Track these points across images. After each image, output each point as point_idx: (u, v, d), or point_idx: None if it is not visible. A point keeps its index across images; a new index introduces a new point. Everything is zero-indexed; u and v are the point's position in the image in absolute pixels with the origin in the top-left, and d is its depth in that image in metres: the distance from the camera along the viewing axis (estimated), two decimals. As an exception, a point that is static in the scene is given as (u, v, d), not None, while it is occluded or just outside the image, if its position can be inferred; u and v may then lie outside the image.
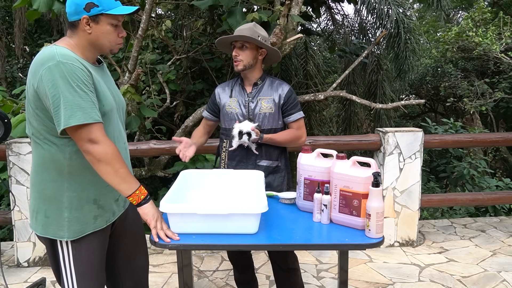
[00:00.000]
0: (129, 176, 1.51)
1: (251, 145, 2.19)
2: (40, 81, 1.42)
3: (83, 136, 1.43)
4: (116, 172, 1.46)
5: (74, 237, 1.54)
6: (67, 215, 1.53)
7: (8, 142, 3.17)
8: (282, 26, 3.72)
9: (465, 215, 5.45)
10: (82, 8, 1.49)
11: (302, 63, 7.55)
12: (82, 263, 1.56)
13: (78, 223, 1.55)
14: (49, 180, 1.53)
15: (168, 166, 5.17)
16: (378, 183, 1.60)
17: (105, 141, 1.46)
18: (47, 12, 3.81)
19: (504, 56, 6.44)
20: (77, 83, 1.42)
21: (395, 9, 7.54)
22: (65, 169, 1.52)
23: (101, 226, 1.60)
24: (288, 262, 2.25)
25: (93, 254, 1.58)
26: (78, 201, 1.55)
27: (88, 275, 1.58)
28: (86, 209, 1.56)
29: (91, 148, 1.44)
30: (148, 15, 3.91)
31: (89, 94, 1.45)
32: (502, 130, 9.90)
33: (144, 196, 1.54)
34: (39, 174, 1.55)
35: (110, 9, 1.51)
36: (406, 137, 3.48)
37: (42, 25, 10.63)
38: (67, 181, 1.53)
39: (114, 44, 1.58)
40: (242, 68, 2.18)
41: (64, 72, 1.41)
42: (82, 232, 1.55)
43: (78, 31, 1.53)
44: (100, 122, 1.46)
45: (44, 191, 1.54)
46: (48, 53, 1.44)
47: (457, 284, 2.93)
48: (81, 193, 1.55)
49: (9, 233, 4.86)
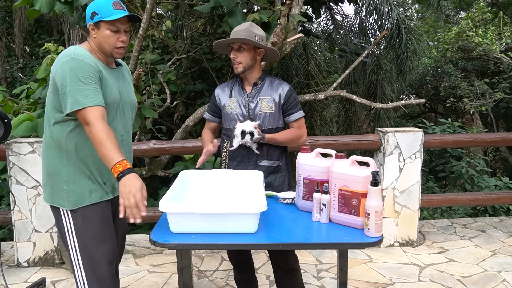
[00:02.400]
0: (110, 151, 1.59)
1: (252, 145, 2.19)
2: (56, 72, 1.72)
3: (81, 118, 1.68)
4: (99, 149, 1.62)
5: (72, 208, 1.77)
6: (65, 187, 1.77)
7: (8, 142, 3.17)
8: (283, 25, 3.72)
9: (464, 215, 5.46)
10: (89, 17, 1.79)
11: (302, 63, 7.56)
12: (82, 233, 1.77)
13: (75, 195, 1.77)
14: (52, 157, 1.80)
15: (169, 166, 5.18)
16: (377, 182, 1.60)
17: (94, 122, 1.64)
18: (48, 12, 3.81)
19: (504, 56, 6.44)
20: (83, 74, 1.68)
21: (396, 9, 7.55)
22: (63, 147, 1.77)
23: (95, 200, 1.79)
24: (288, 262, 2.25)
25: (91, 226, 1.77)
26: (75, 175, 1.78)
27: (89, 244, 1.76)
28: (82, 183, 1.78)
29: (86, 129, 1.67)
30: (149, 15, 3.91)
31: (92, 84, 1.69)
32: (502, 130, 9.90)
33: (121, 171, 1.55)
34: (46, 152, 1.82)
35: (107, 16, 1.76)
36: (406, 137, 3.48)
37: (42, 25, 10.64)
38: (65, 158, 1.77)
39: (113, 47, 1.80)
40: (242, 70, 2.18)
41: (74, 66, 1.68)
42: (78, 203, 1.77)
43: (90, 36, 1.84)
44: (97, 105, 1.67)
45: (49, 166, 1.81)
46: (67, 51, 1.76)
47: (457, 284, 2.93)
48: (77, 169, 1.78)
49: (9, 233, 4.86)
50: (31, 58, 10.67)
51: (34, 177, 3.18)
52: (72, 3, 3.80)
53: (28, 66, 10.33)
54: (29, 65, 10.27)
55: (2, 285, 2.88)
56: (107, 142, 1.60)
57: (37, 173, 3.17)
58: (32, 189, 3.19)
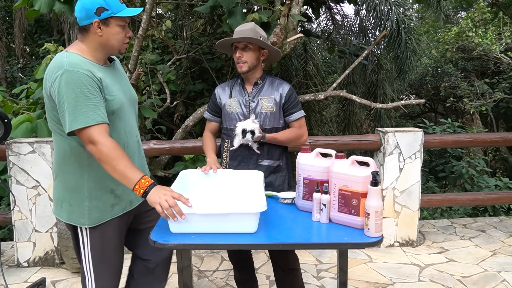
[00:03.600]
0: (127, 171, 1.55)
1: (253, 144, 2.19)
2: (51, 88, 1.59)
3: (84, 138, 1.57)
4: (113, 169, 1.55)
5: (94, 224, 1.70)
6: (88, 204, 1.69)
7: (8, 142, 3.17)
8: (283, 25, 3.72)
9: (464, 215, 5.46)
10: (93, 13, 1.62)
11: (302, 63, 7.56)
12: (98, 249, 1.73)
13: (97, 211, 1.70)
14: (71, 172, 1.69)
15: (168, 166, 5.18)
16: (377, 182, 1.60)
17: (102, 141, 1.54)
18: (47, 12, 3.81)
19: (504, 56, 6.44)
20: (80, 88, 1.55)
21: (396, 9, 7.55)
22: (85, 162, 1.67)
23: (118, 213, 1.75)
24: (288, 262, 2.25)
25: (107, 240, 1.74)
26: (97, 191, 1.70)
27: (104, 260, 1.74)
28: (104, 198, 1.71)
29: (91, 149, 1.57)
30: (148, 15, 3.91)
31: (92, 98, 1.57)
32: (502, 130, 9.90)
33: (144, 189, 1.54)
34: (62, 166, 1.71)
35: (119, 12, 1.64)
36: (406, 137, 3.48)
37: (42, 25, 10.64)
38: (87, 173, 1.68)
39: (121, 43, 1.70)
40: (246, 70, 2.17)
41: (69, 79, 1.54)
42: (101, 219, 1.71)
43: (89, 35, 1.66)
44: (101, 123, 1.57)
45: (68, 182, 1.70)
46: (58, 61, 1.59)
47: (457, 284, 2.93)
48: (100, 184, 1.70)
49: (9, 233, 4.86)
50: (31, 58, 10.67)
51: (34, 177, 3.18)
52: (71, 2, 3.79)
53: (28, 66, 10.33)
54: (29, 65, 10.27)
55: (2, 285, 2.88)
56: (123, 160, 1.54)
57: (37, 173, 3.17)
58: (32, 189, 3.19)
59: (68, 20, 8.67)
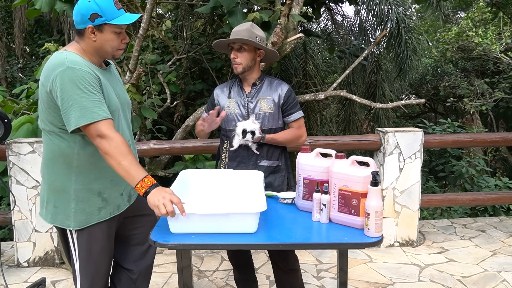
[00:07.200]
0: (132, 168, 1.54)
1: (252, 145, 2.19)
2: (52, 85, 1.56)
3: (92, 133, 1.55)
4: (118, 164, 1.54)
5: (79, 227, 1.68)
6: (74, 206, 1.67)
7: (8, 142, 3.17)
8: (283, 25, 3.72)
9: (464, 215, 5.46)
10: (87, 18, 1.60)
11: (301, 63, 7.56)
12: (85, 250, 1.71)
13: (84, 213, 1.68)
14: (58, 173, 1.67)
15: (169, 166, 5.17)
16: (377, 182, 1.60)
17: (111, 135, 1.55)
18: (48, 11, 3.81)
19: (504, 56, 6.45)
20: (84, 85, 1.55)
21: (395, 9, 7.55)
22: (74, 163, 1.65)
23: (105, 217, 1.73)
24: (288, 263, 2.25)
25: (95, 243, 1.72)
26: (84, 193, 1.68)
27: (90, 262, 1.73)
28: (91, 201, 1.69)
29: (99, 143, 1.56)
30: (149, 14, 3.91)
31: (96, 94, 1.58)
32: (502, 130, 9.90)
33: (145, 189, 1.53)
34: (50, 167, 1.68)
35: (113, 19, 1.61)
36: (406, 137, 3.48)
37: (42, 25, 10.64)
38: (75, 175, 1.66)
39: (115, 50, 1.68)
40: (241, 71, 2.17)
41: (73, 76, 1.54)
42: (87, 222, 1.69)
43: (84, 38, 1.65)
44: (107, 118, 1.57)
45: (54, 183, 1.68)
46: (59, 58, 1.58)
47: (457, 284, 2.93)
48: (87, 186, 1.68)
49: (9, 233, 4.86)
50: (31, 58, 10.67)
51: (34, 177, 3.18)
52: (73, 1, 3.79)
53: (28, 66, 10.33)
54: (29, 65, 10.28)
55: (2, 285, 2.88)
56: (129, 156, 1.54)
57: (37, 173, 3.17)
58: (32, 189, 3.19)
59: (68, 20, 8.66)
